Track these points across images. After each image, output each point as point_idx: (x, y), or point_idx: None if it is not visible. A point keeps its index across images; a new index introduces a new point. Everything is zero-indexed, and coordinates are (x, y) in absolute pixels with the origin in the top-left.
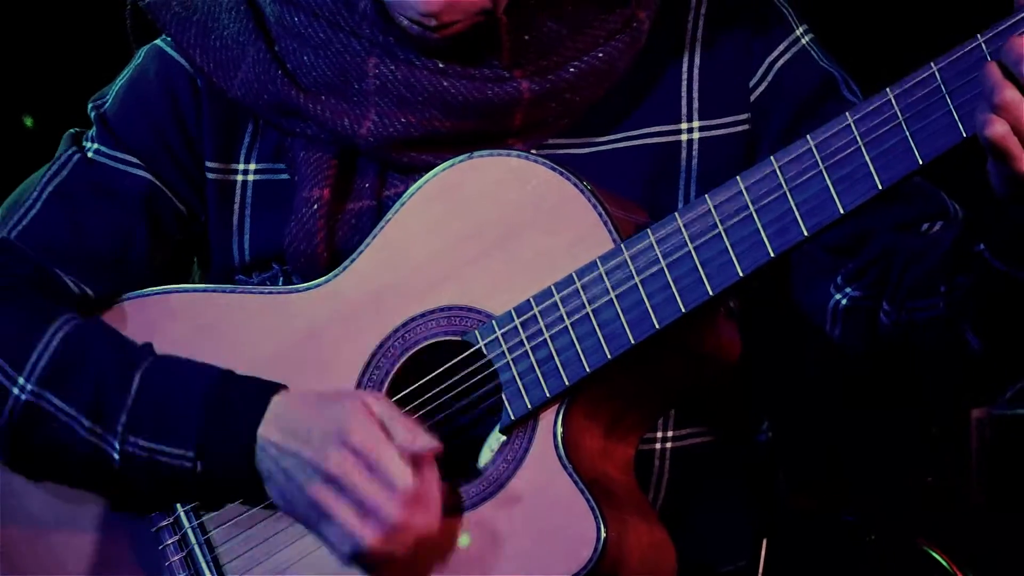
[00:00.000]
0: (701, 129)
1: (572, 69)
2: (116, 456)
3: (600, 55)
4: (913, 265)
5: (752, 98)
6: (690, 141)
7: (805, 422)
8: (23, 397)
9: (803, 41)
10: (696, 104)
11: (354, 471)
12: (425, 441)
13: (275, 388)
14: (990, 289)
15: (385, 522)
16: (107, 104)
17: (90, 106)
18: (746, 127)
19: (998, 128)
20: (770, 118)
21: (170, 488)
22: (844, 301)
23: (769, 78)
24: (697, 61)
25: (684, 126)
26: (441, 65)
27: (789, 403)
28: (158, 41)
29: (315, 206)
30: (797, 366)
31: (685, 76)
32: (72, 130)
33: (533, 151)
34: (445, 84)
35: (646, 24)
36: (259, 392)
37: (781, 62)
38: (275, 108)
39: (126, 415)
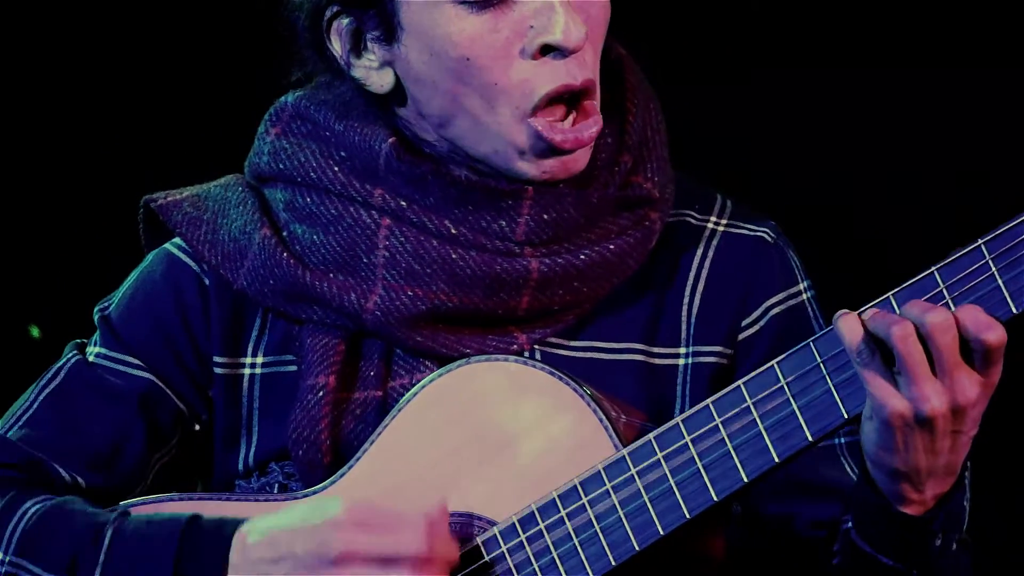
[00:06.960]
0: (694, 355)
1: (583, 256)
2: None
3: (611, 247)
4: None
5: (740, 337)
6: (686, 366)
7: None
8: (1, 570)
9: (804, 296)
10: (693, 330)
11: (362, 536)
12: None
13: (242, 520)
14: (860, 569)
15: (413, 557)
16: (112, 307)
17: (96, 310)
18: (726, 362)
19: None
20: (749, 357)
21: None
22: None
23: (762, 322)
24: (700, 288)
25: (683, 350)
26: (453, 231)
27: None
28: (167, 244)
29: (320, 393)
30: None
31: (687, 300)
32: (76, 340)
33: (528, 354)
34: (454, 256)
35: (657, 224)
36: (227, 523)
37: (777, 309)
38: (282, 293)
39: (100, 568)
